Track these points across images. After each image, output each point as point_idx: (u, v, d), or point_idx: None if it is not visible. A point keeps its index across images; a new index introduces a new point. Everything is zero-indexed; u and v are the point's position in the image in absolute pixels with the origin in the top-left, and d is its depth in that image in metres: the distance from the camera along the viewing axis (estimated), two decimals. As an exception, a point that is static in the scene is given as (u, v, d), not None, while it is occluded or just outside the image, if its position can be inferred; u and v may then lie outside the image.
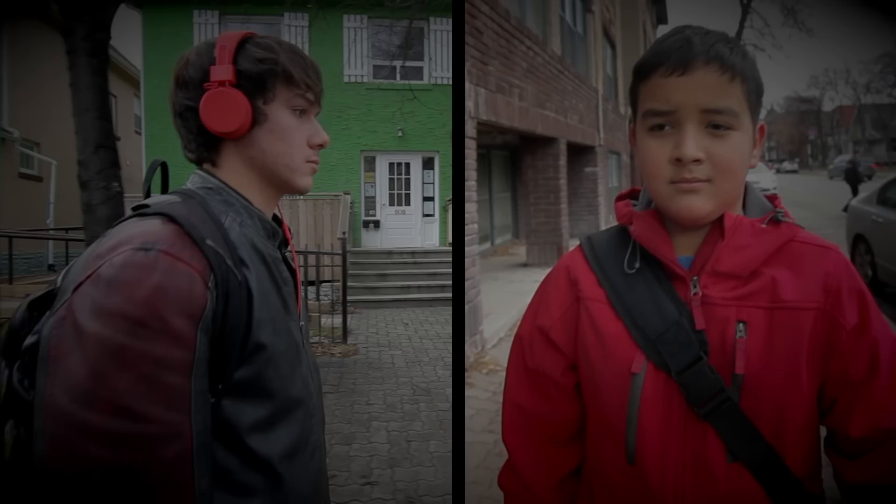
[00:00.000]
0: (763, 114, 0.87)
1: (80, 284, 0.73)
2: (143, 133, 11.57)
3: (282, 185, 0.93)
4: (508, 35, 4.60)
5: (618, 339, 0.87)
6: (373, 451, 3.78)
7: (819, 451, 0.89)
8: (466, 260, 3.84)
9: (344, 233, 8.02)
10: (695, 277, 0.84)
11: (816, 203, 13.97)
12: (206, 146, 0.90)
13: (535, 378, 0.98)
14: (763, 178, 15.76)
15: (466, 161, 3.71)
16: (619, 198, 0.96)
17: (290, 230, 0.99)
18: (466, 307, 3.74)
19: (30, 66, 10.59)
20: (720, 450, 0.81)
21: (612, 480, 0.90)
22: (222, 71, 0.86)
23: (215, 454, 0.79)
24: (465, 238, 3.82)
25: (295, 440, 0.87)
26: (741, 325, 0.81)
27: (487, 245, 7.06)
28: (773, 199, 0.89)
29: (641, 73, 0.83)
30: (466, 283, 3.77)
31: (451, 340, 6.79)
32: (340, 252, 7.20)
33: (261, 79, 0.88)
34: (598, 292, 0.91)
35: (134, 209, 0.83)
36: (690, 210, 0.80)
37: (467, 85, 3.69)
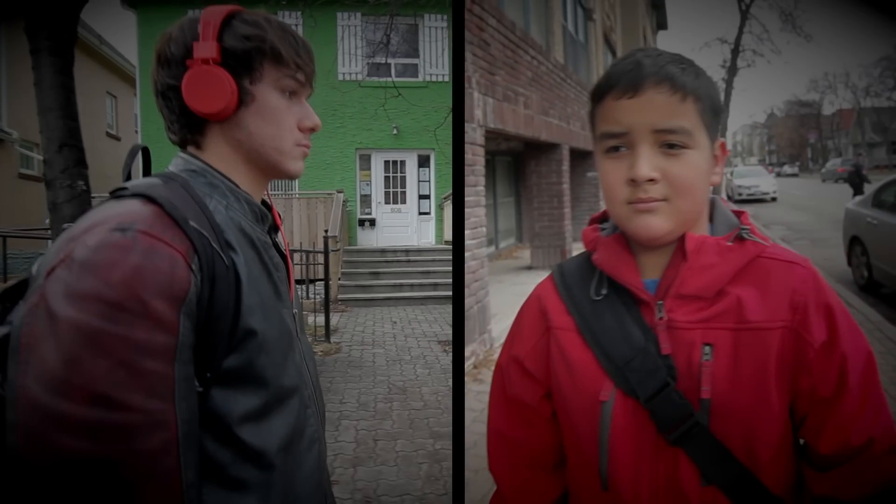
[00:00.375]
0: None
1: (52, 269, 0.68)
2: (140, 132, 11.60)
3: (270, 170, 0.88)
4: (514, 46, 4.75)
5: (586, 368, 0.86)
6: (338, 450, 3.71)
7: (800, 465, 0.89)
8: (475, 261, 3.99)
9: (326, 231, 7.81)
10: (660, 302, 0.83)
11: (817, 206, 13.97)
12: (189, 128, 0.85)
13: (515, 406, 0.98)
14: (763, 181, 15.85)
15: (475, 167, 3.85)
16: (592, 220, 0.96)
17: (280, 216, 0.95)
18: (476, 307, 3.89)
19: (28, 67, 10.69)
20: (693, 474, 0.80)
21: None
22: (206, 48, 0.81)
23: (206, 447, 0.75)
24: (475, 240, 3.98)
25: (290, 431, 0.83)
26: (707, 347, 0.80)
27: (492, 248, 7.20)
28: (739, 214, 0.88)
29: (596, 97, 0.84)
30: (476, 284, 3.91)
31: (436, 339, 6.93)
32: (323, 250, 7.07)
33: (247, 57, 0.82)
34: (566, 321, 0.91)
35: (112, 193, 0.78)
36: (648, 230, 0.80)
37: (476, 95, 3.84)
